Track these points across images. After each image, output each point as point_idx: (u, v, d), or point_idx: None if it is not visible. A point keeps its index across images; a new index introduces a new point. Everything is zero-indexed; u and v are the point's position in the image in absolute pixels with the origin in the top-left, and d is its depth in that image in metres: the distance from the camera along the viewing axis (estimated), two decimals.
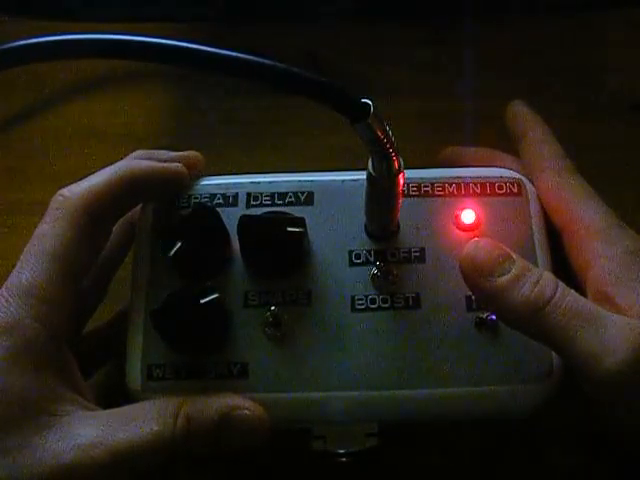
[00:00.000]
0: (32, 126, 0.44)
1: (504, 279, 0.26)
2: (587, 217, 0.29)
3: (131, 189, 0.29)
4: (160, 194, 0.31)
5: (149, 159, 0.31)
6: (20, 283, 0.26)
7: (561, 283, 0.26)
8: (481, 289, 0.27)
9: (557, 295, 0.26)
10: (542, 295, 0.26)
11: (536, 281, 0.26)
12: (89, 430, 0.25)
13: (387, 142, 0.25)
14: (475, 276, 0.27)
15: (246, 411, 0.27)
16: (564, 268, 0.30)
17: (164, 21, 0.43)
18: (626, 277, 0.27)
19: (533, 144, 0.33)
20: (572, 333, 0.25)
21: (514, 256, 0.27)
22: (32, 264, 0.27)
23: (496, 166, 0.33)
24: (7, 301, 0.26)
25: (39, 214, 0.28)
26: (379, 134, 0.25)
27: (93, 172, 0.32)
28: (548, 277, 0.27)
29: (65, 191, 0.29)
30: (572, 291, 0.26)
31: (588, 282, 0.29)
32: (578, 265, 0.30)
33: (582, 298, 0.26)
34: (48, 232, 0.27)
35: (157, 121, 0.43)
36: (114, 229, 0.30)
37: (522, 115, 0.34)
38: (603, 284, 0.28)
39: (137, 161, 0.31)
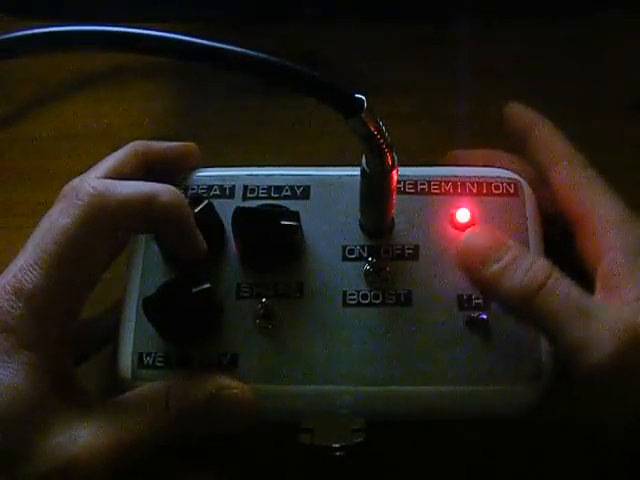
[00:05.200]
0: (30, 126, 0.44)
1: (496, 267, 0.26)
2: (602, 209, 0.29)
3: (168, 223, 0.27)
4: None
5: (147, 148, 0.31)
6: (32, 282, 0.25)
7: (556, 270, 0.26)
8: (474, 277, 0.27)
9: (549, 283, 0.26)
10: (533, 282, 0.26)
11: (528, 268, 0.26)
12: (88, 425, 0.25)
13: (380, 137, 0.25)
14: (469, 264, 0.27)
15: (235, 390, 0.27)
16: (570, 268, 0.30)
17: (162, 22, 0.44)
18: (633, 269, 0.27)
19: (542, 140, 0.32)
20: (561, 323, 0.25)
21: (509, 243, 0.27)
22: (48, 265, 0.25)
23: (494, 166, 0.33)
24: (11, 299, 0.25)
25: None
26: (372, 129, 0.25)
27: None
28: (541, 264, 0.27)
29: (101, 187, 0.26)
30: (567, 279, 0.26)
31: (598, 274, 0.28)
32: (589, 257, 0.29)
33: (576, 287, 0.26)
34: (75, 235, 0.25)
35: (155, 121, 0.44)
36: None
37: (524, 114, 0.33)
38: (611, 275, 0.28)
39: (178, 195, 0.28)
